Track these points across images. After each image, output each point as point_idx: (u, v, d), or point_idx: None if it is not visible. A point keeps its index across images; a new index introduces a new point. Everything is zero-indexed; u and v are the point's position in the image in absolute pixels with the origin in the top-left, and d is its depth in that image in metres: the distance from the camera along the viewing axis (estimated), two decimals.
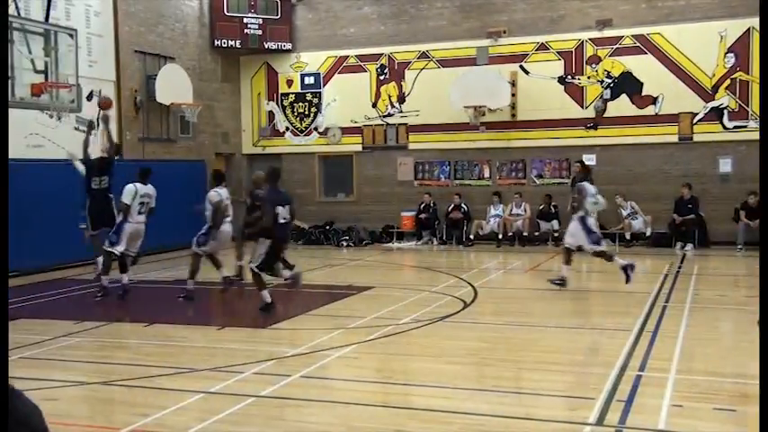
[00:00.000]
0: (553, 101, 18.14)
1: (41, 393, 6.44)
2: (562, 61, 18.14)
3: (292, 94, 20.57)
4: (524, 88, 18.40)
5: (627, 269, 10.90)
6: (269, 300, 9.84)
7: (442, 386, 6.63)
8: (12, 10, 12.43)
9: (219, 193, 11.48)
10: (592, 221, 11.40)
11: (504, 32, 18.50)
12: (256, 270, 9.84)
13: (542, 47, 18.28)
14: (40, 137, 14.73)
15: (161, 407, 6.07)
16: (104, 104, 13.16)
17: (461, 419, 5.68)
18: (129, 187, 11.20)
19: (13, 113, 13.24)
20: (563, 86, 18.15)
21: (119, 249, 11.14)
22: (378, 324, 9.22)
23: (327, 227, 19.71)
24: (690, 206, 16.83)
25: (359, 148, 19.97)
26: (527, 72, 18.43)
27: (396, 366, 7.52)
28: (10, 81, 11.79)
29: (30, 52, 12.26)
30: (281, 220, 9.81)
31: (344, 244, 18.87)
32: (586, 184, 11.54)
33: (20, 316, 10.00)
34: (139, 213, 11.27)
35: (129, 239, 11.27)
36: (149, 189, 11.43)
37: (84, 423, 5.82)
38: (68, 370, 7.41)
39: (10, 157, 13.72)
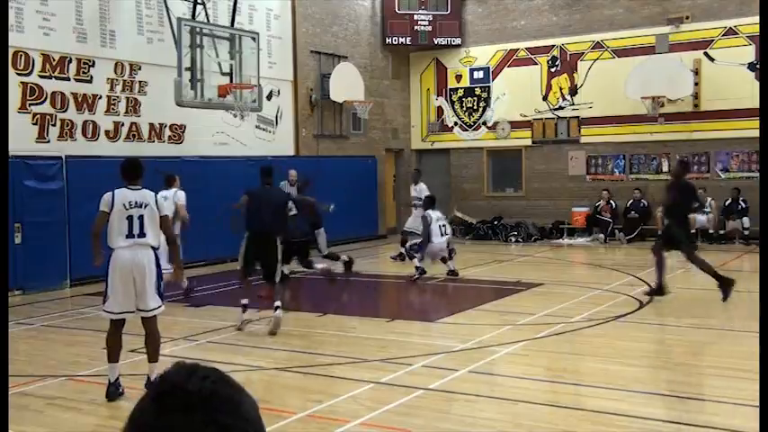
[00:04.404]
0: (742, 89, 16.89)
1: None
2: (753, 46, 16.84)
3: (461, 89, 20.58)
4: (709, 76, 17.28)
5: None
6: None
7: (614, 388, 6.39)
8: (201, 17, 13.35)
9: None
10: None
11: (687, 18, 17.46)
12: None
13: (730, 31, 17.08)
14: (225, 135, 15.72)
15: (334, 394, 6.30)
16: None
17: (636, 424, 5.45)
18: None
19: (203, 113, 14.27)
20: (753, 73, 16.86)
21: None
22: (548, 322, 9.04)
23: (495, 222, 19.57)
24: None
25: (528, 142, 19.65)
26: (712, 59, 17.30)
27: (566, 365, 7.34)
28: (199, 84, 12.72)
29: (217, 56, 13.12)
30: None
31: (513, 239, 18.64)
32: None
33: (208, 302, 10.74)
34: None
35: None
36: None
37: (263, 406, 6.12)
38: (249, 355, 7.85)
39: (200, 154, 14.82)
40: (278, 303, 8.57)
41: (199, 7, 13.35)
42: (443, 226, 12.63)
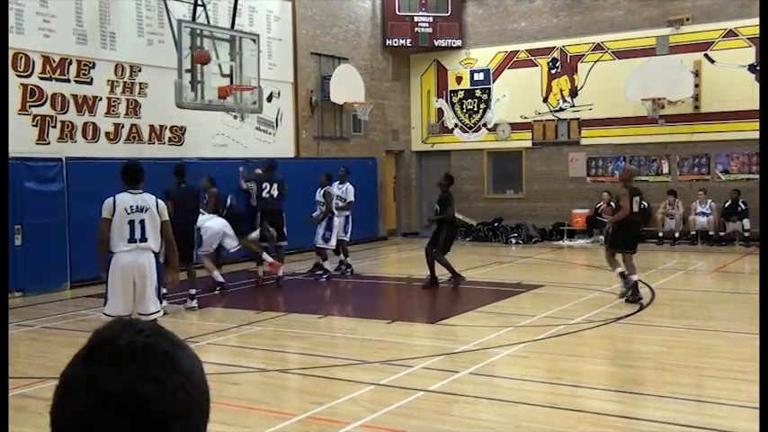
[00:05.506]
0: (742, 91, 16.89)
1: (227, 377, 6.89)
2: (753, 48, 16.85)
3: (461, 90, 20.59)
4: (709, 78, 17.29)
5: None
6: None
7: (613, 390, 6.39)
8: (201, 19, 13.36)
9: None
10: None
11: (687, 20, 17.47)
12: None
13: (731, 33, 17.09)
14: (225, 137, 15.72)
15: (334, 396, 6.30)
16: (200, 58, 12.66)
17: (635, 425, 5.45)
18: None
19: (203, 115, 14.27)
20: (754, 75, 16.86)
21: None
22: (548, 323, 9.04)
23: (496, 224, 19.56)
24: None
25: (529, 143, 19.65)
26: (712, 61, 17.31)
27: (566, 367, 7.34)
28: (199, 85, 12.72)
29: (217, 57, 13.12)
30: None
31: (513, 241, 18.64)
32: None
33: (207, 305, 10.74)
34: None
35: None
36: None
37: (264, 408, 6.15)
38: (250, 357, 7.86)
39: (201, 156, 14.81)
40: (193, 292, 10.29)
41: (199, 9, 13.36)
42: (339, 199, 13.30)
